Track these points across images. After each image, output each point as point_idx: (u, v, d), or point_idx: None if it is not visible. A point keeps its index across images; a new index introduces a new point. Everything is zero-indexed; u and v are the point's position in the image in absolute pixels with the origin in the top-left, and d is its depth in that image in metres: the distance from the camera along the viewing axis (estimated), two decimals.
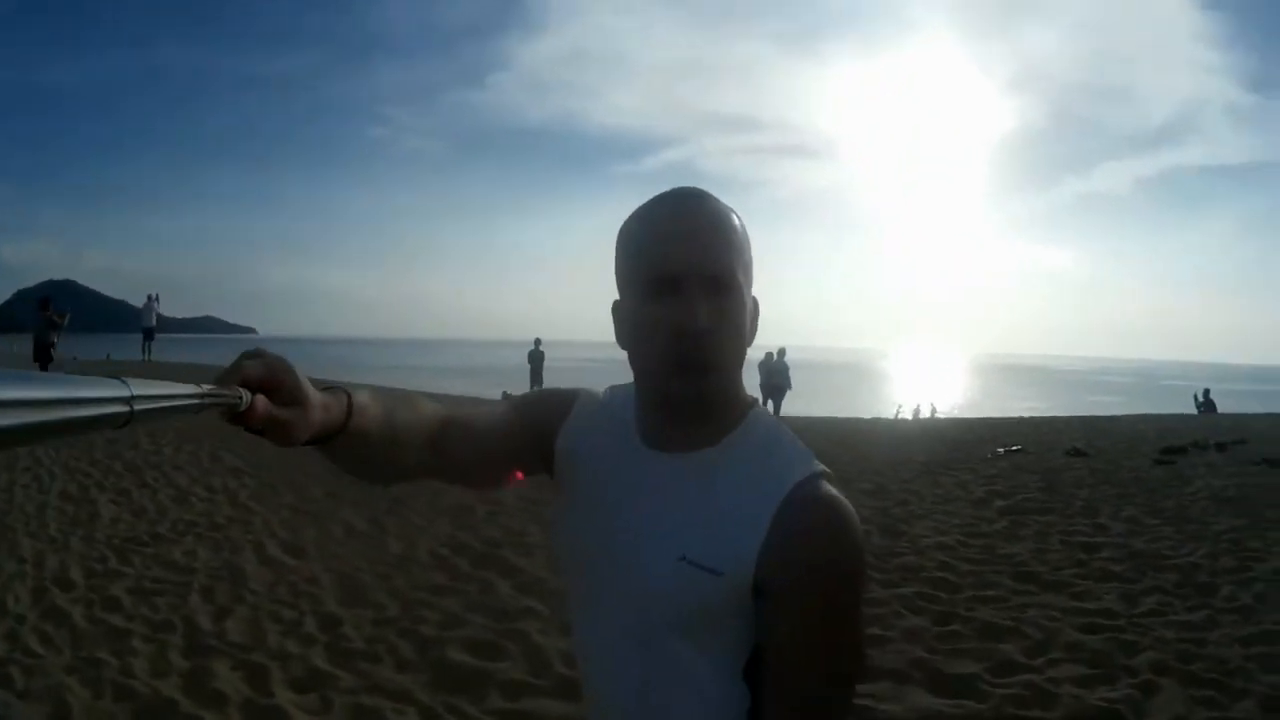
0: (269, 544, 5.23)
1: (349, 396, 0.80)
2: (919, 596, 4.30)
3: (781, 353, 16.86)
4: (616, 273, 0.92)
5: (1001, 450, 9.01)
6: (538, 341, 19.49)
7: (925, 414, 24.72)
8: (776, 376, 16.58)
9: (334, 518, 5.85)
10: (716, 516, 0.85)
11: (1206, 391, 18.81)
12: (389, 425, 0.85)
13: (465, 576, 4.61)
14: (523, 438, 0.98)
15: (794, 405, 17.17)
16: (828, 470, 0.88)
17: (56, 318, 15.02)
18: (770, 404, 16.47)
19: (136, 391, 0.54)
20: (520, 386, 19.52)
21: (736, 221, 0.89)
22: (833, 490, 0.85)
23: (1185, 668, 3.44)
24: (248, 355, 0.73)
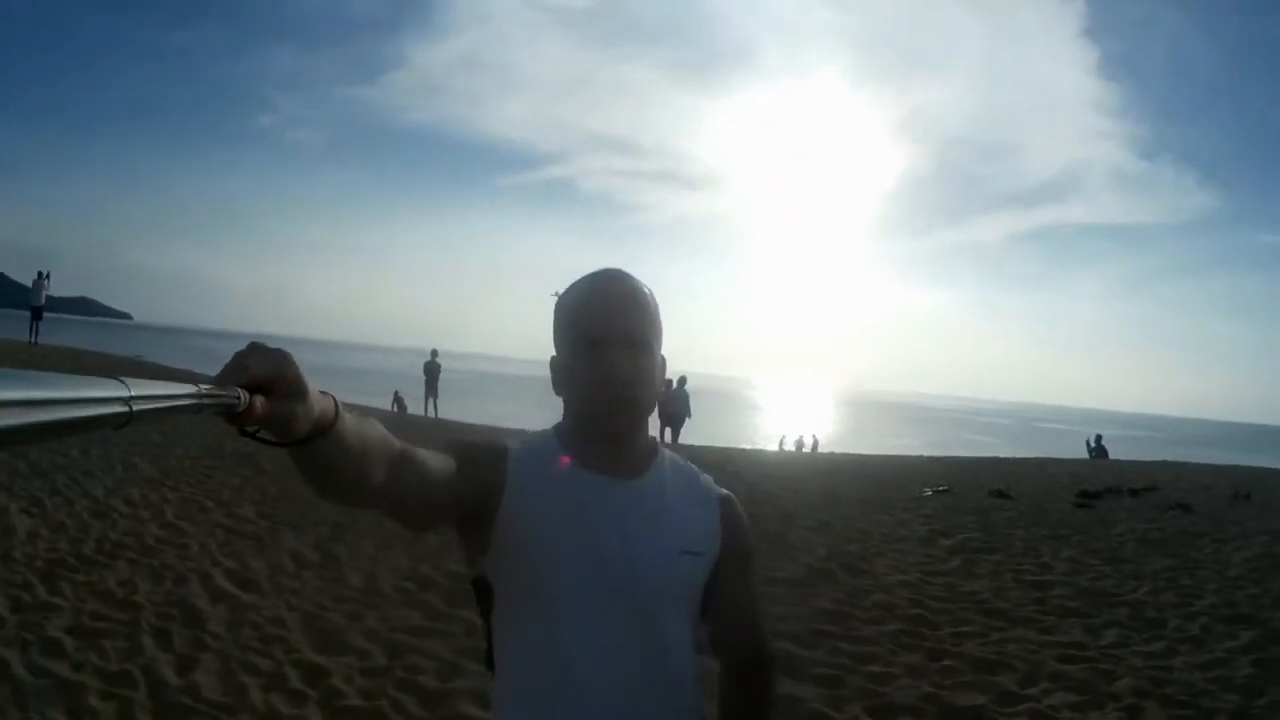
0: (215, 574, 4.75)
1: (335, 398, 0.83)
2: (904, 634, 4.41)
3: (681, 381, 16.66)
4: (554, 334, 1.20)
5: (929, 491, 9.29)
6: (434, 353, 19.83)
7: (807, 446, 24.03)
8: (675, 404, 16.35)
9: (278, 544, 5.48)
10: (683, 517, 1.18)
11: (1099, 437, 19.57)
12: (362, 438, 0.89)
13: (442, 615, 4.36)
14: (461, 488, 1.08)
15: (689, 433, 17.10)
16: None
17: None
18: (668, 431, 16.45)
19: (135, 392, 0.55)
20: (414, 393, 19.58)
21: (649, 295, 1.18)
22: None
23: (1160, 691, 3.73)
24: (249, 354, 0.73)
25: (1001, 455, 16.87)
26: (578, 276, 1.20)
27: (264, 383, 0.72)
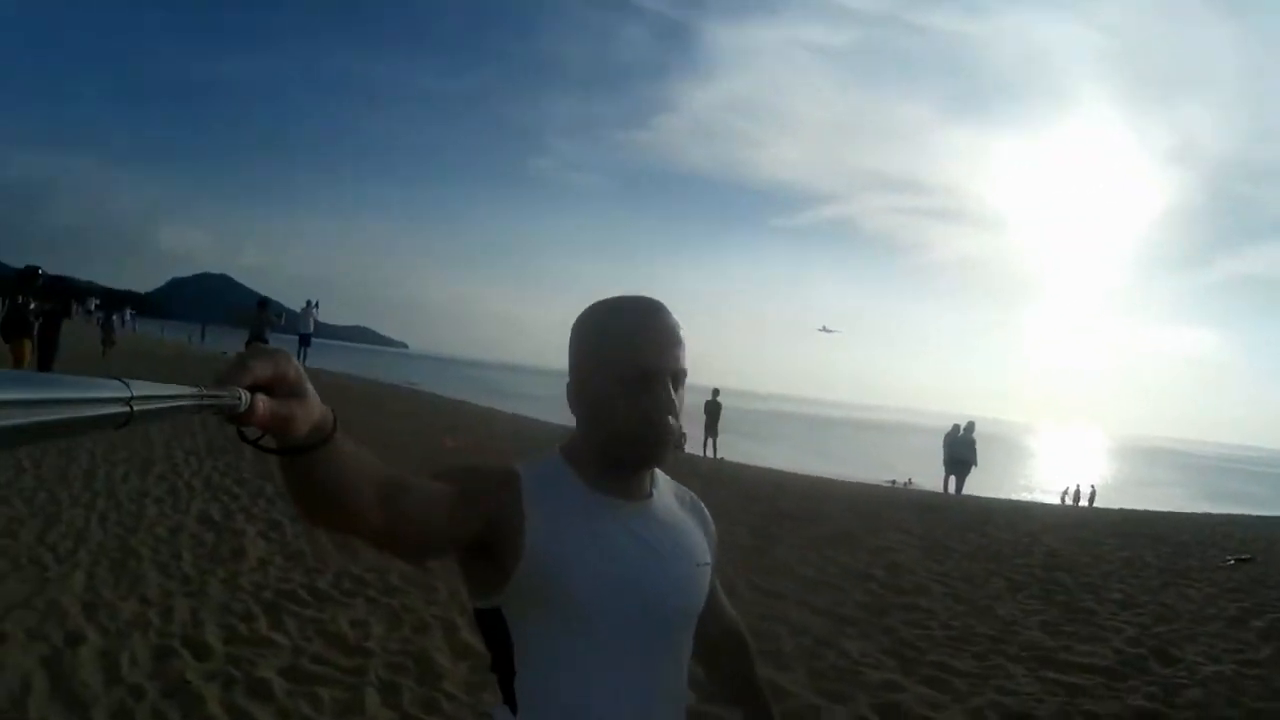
0: (461, 624, 4.15)
1: (332, 411, 0.82)
2: None
3: (970, 427, 15.46)
4: (587, 356, 1.16)
5: (1230, 559, 7.93)
6: (715, 391, 18.59)
7: (1084, 498, 23.92)
8: (961, 450, 15.32)
9: None
10: (689, 531, 1.24)
11: None
12: (357, 458, 0.87)
13: None
14: (468, 518, 1.05)
15: (974, 482, 15.90)
16: None
17: (274, 318, 15.80)
18: (953, 479, 15.44)
19: (136, 392, 0.55)
20: (693, 433, 18.35)
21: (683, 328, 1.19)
22: None
23: None
24: (250, 355, 0.72)
25: None
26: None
27: (265, 383, 0.72)
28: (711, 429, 18.22)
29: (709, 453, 17.80)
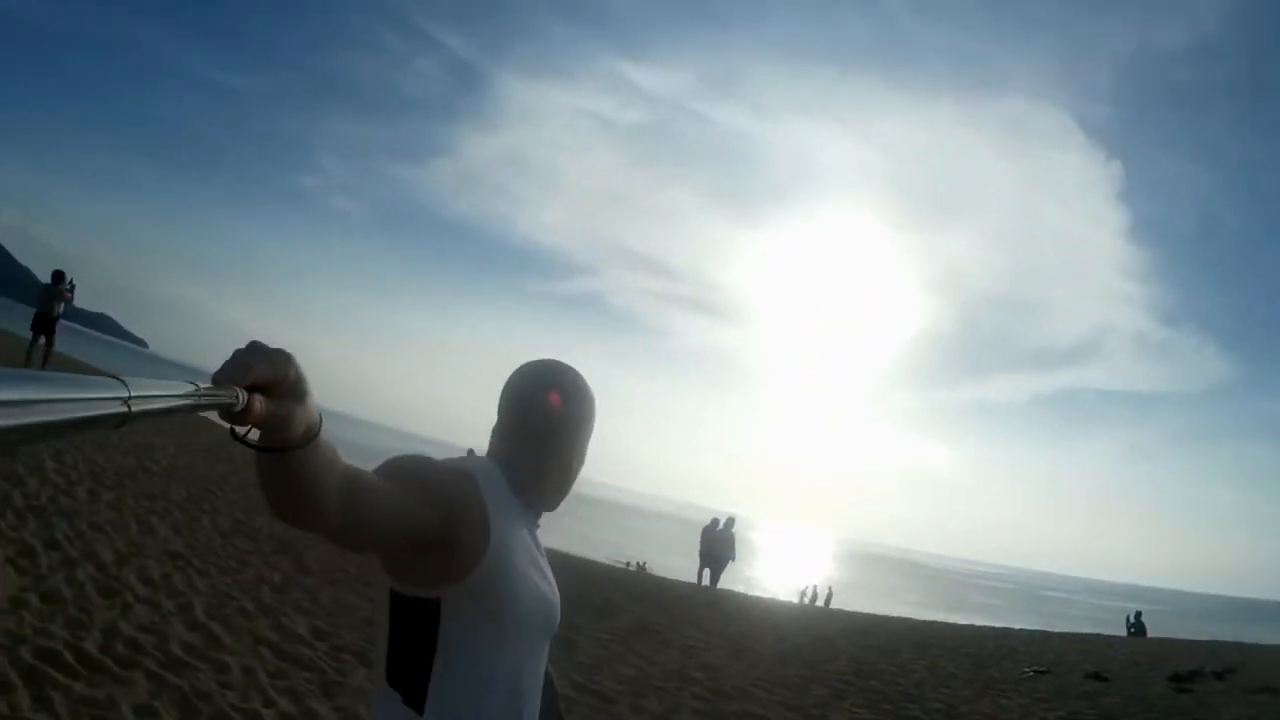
0: (267, 717, 3.50)
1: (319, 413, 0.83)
2: None
3: (729, 522, 15.24)
4: (581, 413, 1.33)
5: (1029, 671, 8.40)
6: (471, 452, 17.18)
7: (821, 599, 23.99)
8: (720, 546, 14.99)
9: (346, 682, 4.14)
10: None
11: (1139, 614, 18.60)
12: (329, 458, 0.88)
13: None
14: (427, 518, 1.07)
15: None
16: None
17: (67, 293, 13.42)
18: (707, 573, 14.98)
19: (134, 392, 0.56)
20: None
21: None
22: None
23: None
24: (250, 354, 0.72)
25: (1030, 626, 15.79)
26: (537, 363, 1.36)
27: (264, 384, 0.71)
28: None
29: None
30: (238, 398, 0.68)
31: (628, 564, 21.82)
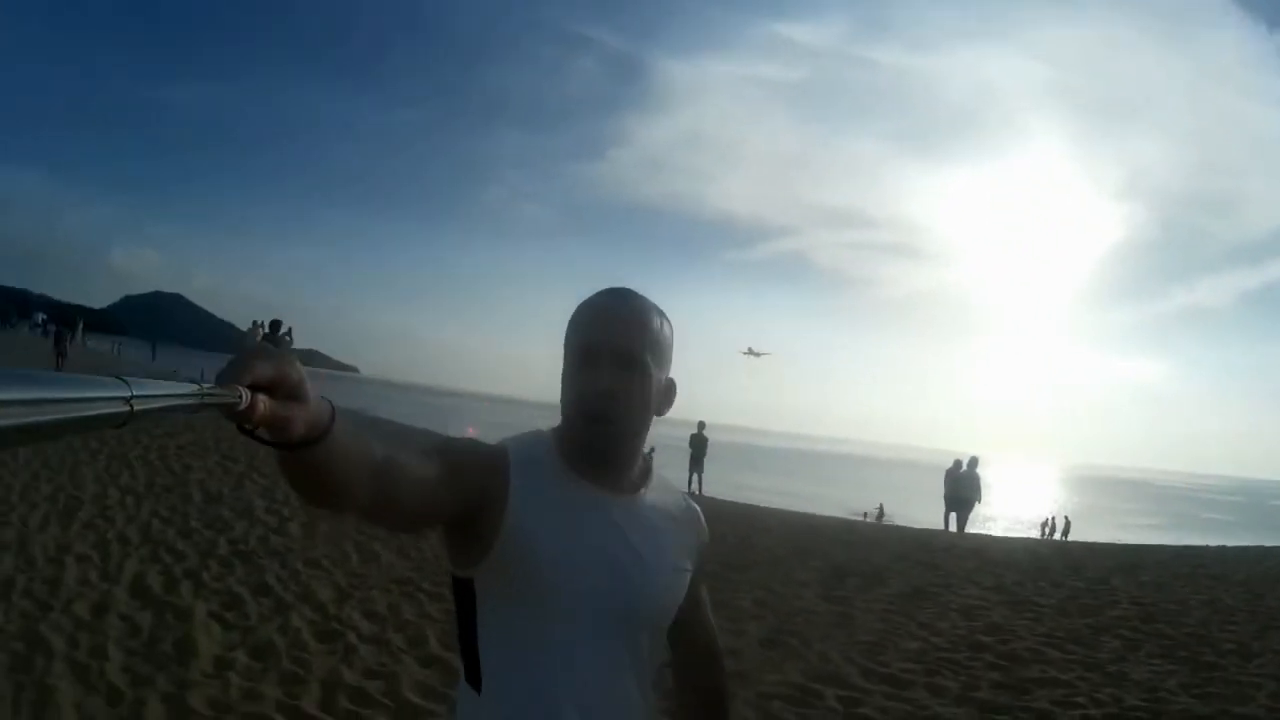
0: None
1: (331, 404, 0.83)
2: None
3: (973, 462, 15.07)
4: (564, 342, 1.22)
5: None
6: (701, 425, 17.73)
7: (1059, 531, 24.10)
8: (964, 488, 14.86)
9: None
10: (674, 534, 1.24)
11: None
12: (351, 446, 0.88)
13: None
14: (457, 494, 1.07)
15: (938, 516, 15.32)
16: None
17: (285, 340, 14.63)
18: (954, 516, 15.01)
19: (136, 391, 0.55)
20: (681, 469, 17.78)
21: (654, 315, 1.19)
22: None
23: None
24: (255, 354, 0.73)
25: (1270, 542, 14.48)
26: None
27: (266, 384, 0.72)
28: (697, 463, 17.42)
29: (694, 487, 16.93)
30: (241, 397, 0.68)
31: (864, 515, 21.97)
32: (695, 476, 17.29)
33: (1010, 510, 33.49)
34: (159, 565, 5.05)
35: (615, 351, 1.14)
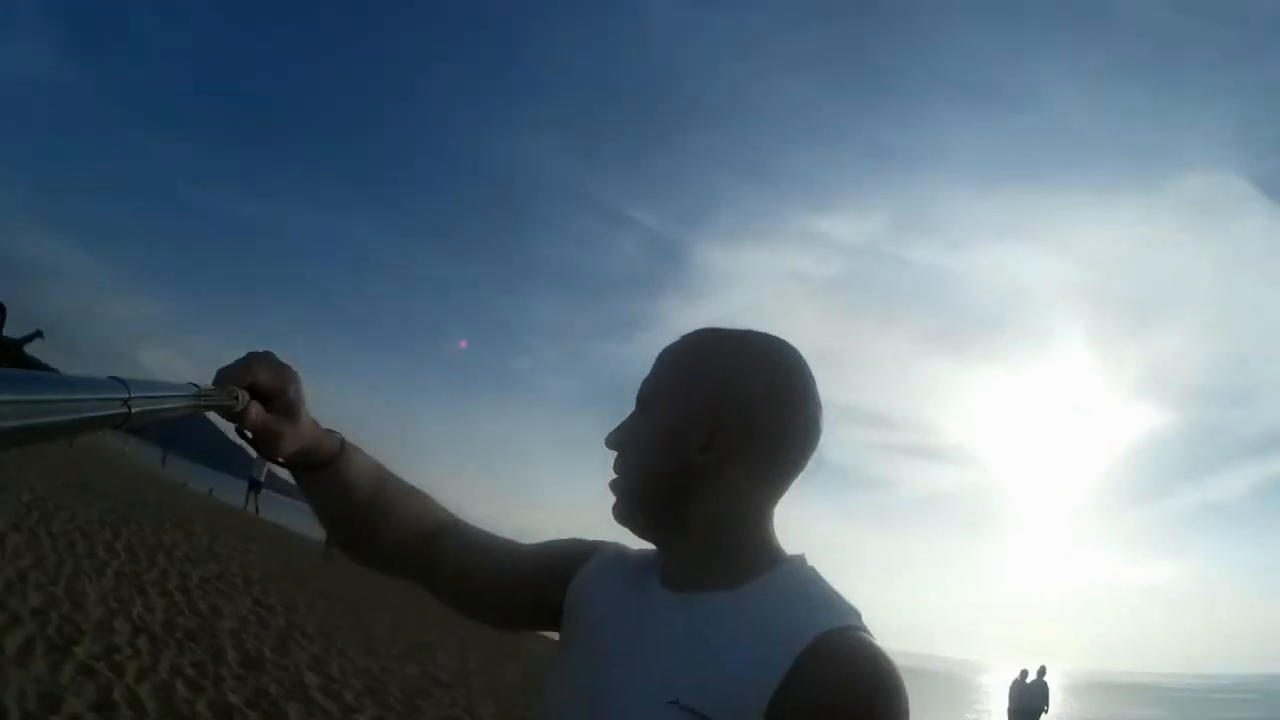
0: None
1: (343, 440, 0.85)
2: None
3: (1041, 671, 13.79)
4: None
5: None
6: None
7: None
8: (1034, 698, 13.44)
9: None
10: (718, 661, 0.77)
11: None
12: (379, 491, 0.87)
13: None
14: (535, 575, 0.96)
15: None
16: (864, 626, 0.78)
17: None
18: None
19: (135, 393, 0.54)
20: None
21: (679, 349, 0.90)
22: (869, 641, 0.76)
23: None
24: (259, 357, 0.73)
25: None
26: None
27: (264, 391, 0.72)
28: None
29: None
30: (237, 398, 0.69)
31: None
32: None
33: None
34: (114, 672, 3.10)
35: (639, 399, 0.93)
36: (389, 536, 0.88)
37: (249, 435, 0.73)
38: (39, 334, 11.53)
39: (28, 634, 4.08)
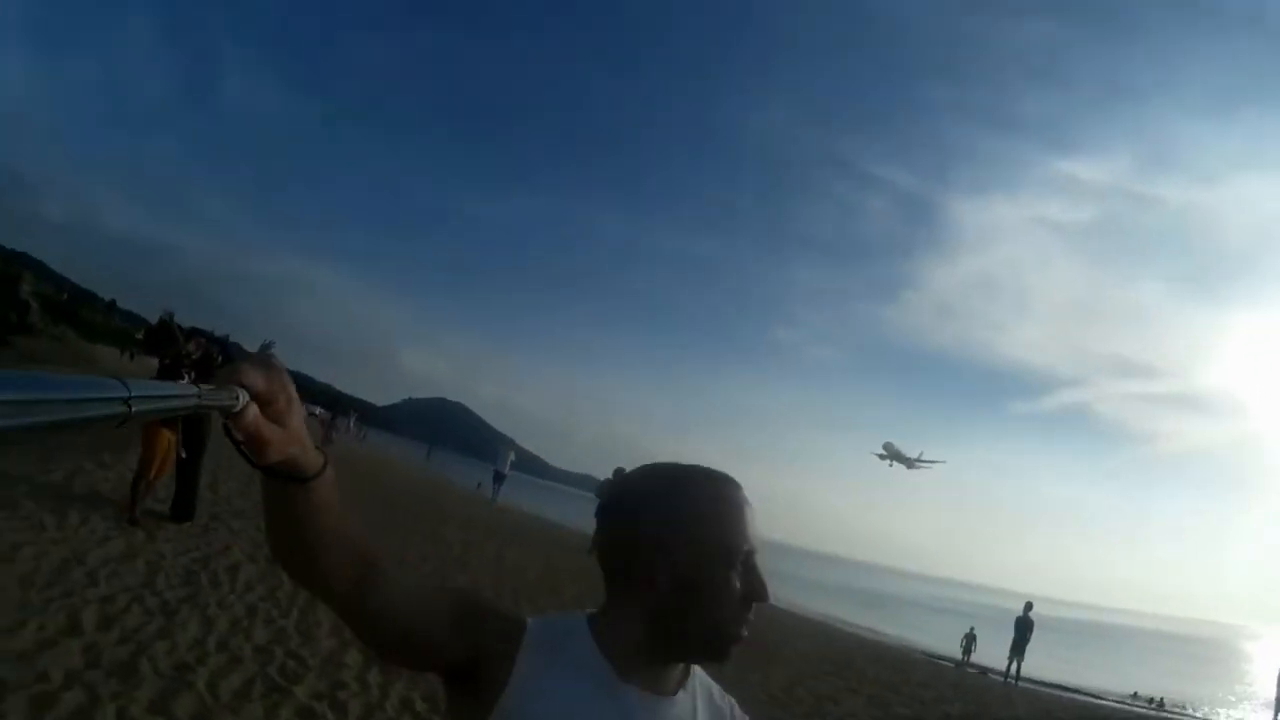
0: None
1: (326, 461, 0.83)
2: None
3: None
4: (672, 532, 1.00)
5: None
6: (1028, 606, 16.60)
7: None
8: None
9: None
10: None
11: None
12: (340, 519, 0.86)
13: None
14: (450, 637, 0.95)
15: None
16: None
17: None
18: None
19: (135, 392, 0.58)
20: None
21: None
22: None
23: None
24: (261, 360, 0.74)
25: None
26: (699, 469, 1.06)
27: (258, 395, 0.72)
28: (1019, 648, 16.25)
29: (1012, 673, 16.11)
30: (237, 398, 0.68)
31: (1150, 700, 19.59)
32: (1015, 662, 16.19)
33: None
34: None
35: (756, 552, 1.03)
36: (331, 561, 0.86)
37: (238, 437, 0.72)
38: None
39: (247, 675, 3.73)
